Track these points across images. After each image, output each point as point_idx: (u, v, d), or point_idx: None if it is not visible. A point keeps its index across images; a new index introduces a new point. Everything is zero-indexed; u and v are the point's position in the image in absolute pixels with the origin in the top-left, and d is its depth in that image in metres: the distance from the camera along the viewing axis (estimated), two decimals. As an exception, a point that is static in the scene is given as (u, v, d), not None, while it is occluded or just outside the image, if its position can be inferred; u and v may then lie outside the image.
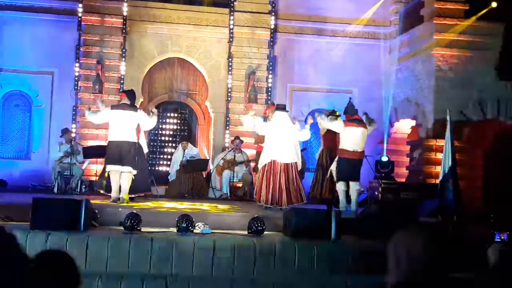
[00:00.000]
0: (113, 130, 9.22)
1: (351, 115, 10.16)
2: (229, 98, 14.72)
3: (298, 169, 9.53)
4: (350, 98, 11.09)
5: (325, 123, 10.28)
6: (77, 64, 14.19)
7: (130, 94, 9.62)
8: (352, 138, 9.81)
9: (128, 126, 9.16)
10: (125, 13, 14.30)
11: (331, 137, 10.76)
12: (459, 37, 13.25)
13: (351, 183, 9.82)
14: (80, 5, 14.18)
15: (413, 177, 13.68)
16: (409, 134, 15.05)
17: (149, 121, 9.55)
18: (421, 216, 8.99)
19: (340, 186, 9.90)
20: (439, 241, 2.57)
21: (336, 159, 10.14)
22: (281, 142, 9.32)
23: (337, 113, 11.22)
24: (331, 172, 10.34)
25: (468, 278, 3.12)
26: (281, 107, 9.75)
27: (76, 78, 14.20)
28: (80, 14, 14.18)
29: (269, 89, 14.90)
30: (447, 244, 7.13)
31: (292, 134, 9.48)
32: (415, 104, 14.08)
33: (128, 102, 9.36)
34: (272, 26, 14.99)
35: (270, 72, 14.98)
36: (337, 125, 9.99)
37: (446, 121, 9.99)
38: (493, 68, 13.13)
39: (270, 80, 14.93)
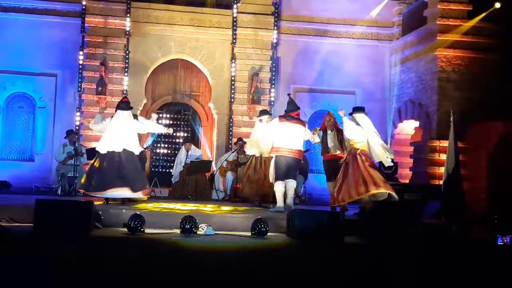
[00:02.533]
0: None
1: (288, 112, 9.52)
2: (232, 100, 14.74)
3: None
4: (289, 94, 10.75)
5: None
6: (80, 66, 14.22)
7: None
8: (285, 135, 9.22)
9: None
10: (128, 15, 14.33)
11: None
12: (463, 38, 13.25)
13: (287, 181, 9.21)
14: (84, 7, 14.22)
15: (417, 178, 13.66)
16: (412, 135, 15.04)
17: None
18: (424, 218, 8.97)
19: (278, 186, 9.20)
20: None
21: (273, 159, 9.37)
22: None
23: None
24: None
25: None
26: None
27: (80, 80, 14.23)
28: (83, 16, 14.22)
29: (272, 91, 14.91)
30: (451, 246, 7.12)
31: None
32: (418, 105, 14.08)
33: None
34: (275, 28, 15.00)
35: (273, 73, 14.99)
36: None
37: (450, 122, 9.97)
38: (496, 69, 13.12)
39: (273, 82, 14.94)
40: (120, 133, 9.11)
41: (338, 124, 10.11)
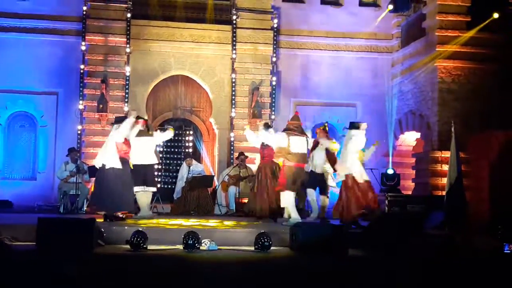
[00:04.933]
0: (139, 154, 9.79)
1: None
2: (233, 114, 14.76)
3: None
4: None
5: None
6: (81, 84, 14.28)
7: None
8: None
9: (149, 150, 9.94)
10: (128, 33, 14.40)
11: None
12: (462, 49, 13.30)
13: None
14: (84, 25, 14.31)
15: (419, 190, 13.63)
16: (414, 146, 15.03)
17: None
18: (428, 229, 8.95)
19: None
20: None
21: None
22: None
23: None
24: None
25: None
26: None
27: (81, 98, 14.28)
28: (83, 35, 14.30)
29: (273, 104, 14.95)
30: (455, 256, 7.09)
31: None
32: (419, 116, 14.09)
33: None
34: (275, 42, 15.06)
35: (274, 87, 15.03)
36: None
37: (451, 133, 9.98)
38: (496, 79, 13.14)
39: (273, 96, 14.99)
40: (104, 148, 9.51)
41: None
